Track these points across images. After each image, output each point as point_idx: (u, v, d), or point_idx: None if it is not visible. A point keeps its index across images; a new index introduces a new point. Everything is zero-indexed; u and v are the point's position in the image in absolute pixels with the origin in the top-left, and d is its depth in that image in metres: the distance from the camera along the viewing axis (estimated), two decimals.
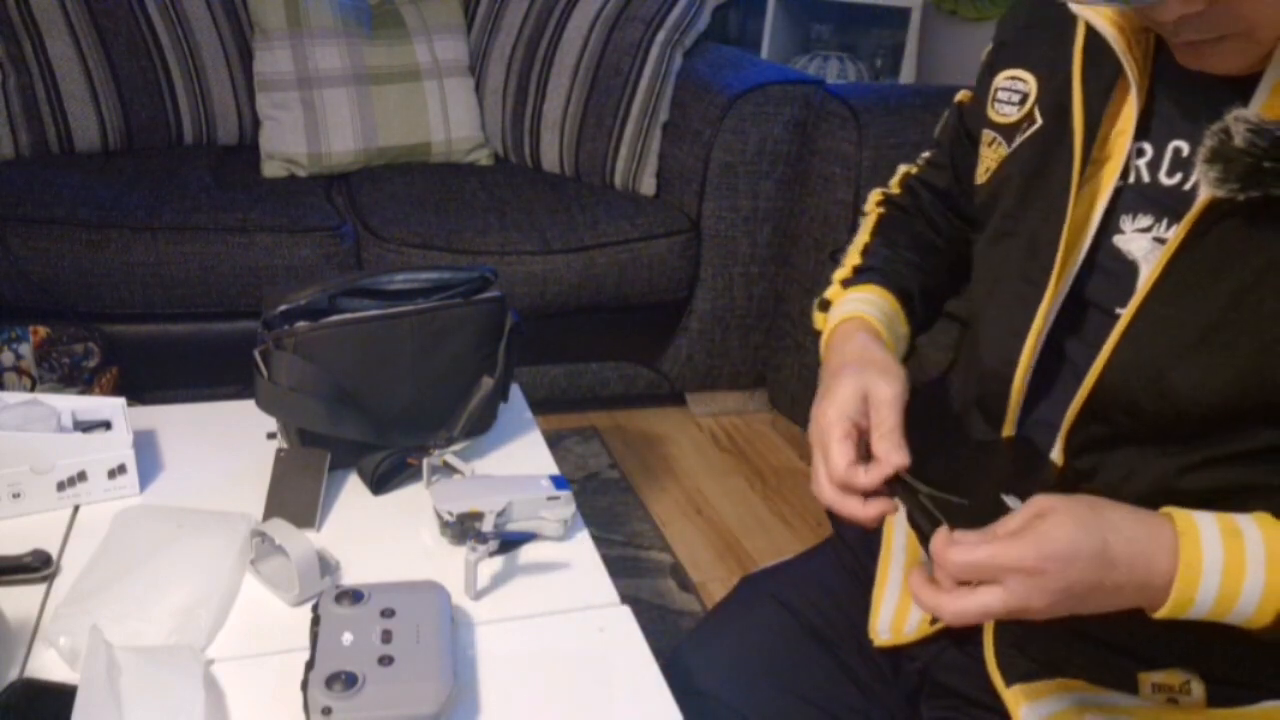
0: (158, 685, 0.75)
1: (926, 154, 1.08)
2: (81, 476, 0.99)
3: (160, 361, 2.20)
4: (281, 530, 0.90)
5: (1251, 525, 0.67)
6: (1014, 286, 0.85)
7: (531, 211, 2.34)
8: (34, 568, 0.89)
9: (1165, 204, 0.76)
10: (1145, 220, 0.78)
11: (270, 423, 1.12)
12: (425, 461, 1.07)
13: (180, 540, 0.92)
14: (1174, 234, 0.73)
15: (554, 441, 2.25)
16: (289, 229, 2.20)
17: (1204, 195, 0.71)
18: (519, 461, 1.15)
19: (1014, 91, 0.90)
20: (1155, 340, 0.75)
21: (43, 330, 2.03)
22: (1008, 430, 0.88)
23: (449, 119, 2.58)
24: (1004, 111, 0.90)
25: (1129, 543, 0.66)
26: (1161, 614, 0.67)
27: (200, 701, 0.74)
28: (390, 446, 1.08)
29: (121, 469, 1.01)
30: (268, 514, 0.99)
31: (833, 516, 1.05)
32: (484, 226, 2.27)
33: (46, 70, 2.34)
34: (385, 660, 0.77)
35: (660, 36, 2.45)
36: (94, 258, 2.09)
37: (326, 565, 0.93)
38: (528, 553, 1.00)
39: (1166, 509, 0.68)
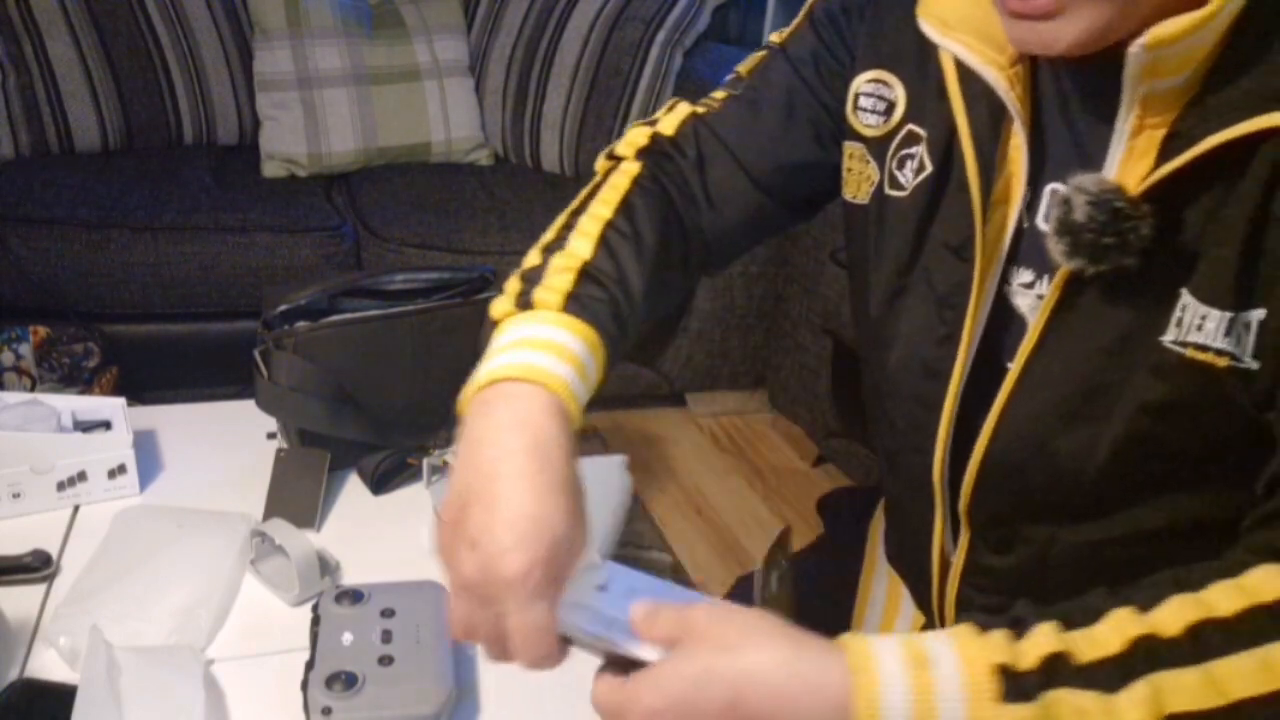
0: (158, 685, 0.75)
1: (721, 93, 0.85)
2: (81, 476, 0.99)
3: (160, 361, 2.20)
4: (281, 530, 0.90)
5: (946, 649, 0.55)
6: (921, 353, 0.76)
7: (531, 211, 2.34)
8: (34, 568, 0.89)
9: (1044, 258, 0.69)
10: (1027, 275, 0.72)
11: (270, 423, 1.12)
12: (425, 461, 1.07)
13: (180, 540, 0.92)
14: (1048, 294, 0.69)
15: None
16: (289, 229, 2.19)
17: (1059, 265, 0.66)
18: None
19: (879, 99, 0.78)
20: (1037, 407, 0.71)
21: (43, 330, 2.03)
22: (939, 517, 0.80)
23: (449, 119, 2.58)
24: (868, 121, 0.79)
25: (772, 697, 0.54)
26: None
27: (200, 701, 0.74)
28: (390, 446, 1.08)
29: (121, 469, 1.01)
30: (268, 514, 0.99)
31: (823, 515, 1.04)
32: (484, 226, 2.27)
33: (46, 70, 2.34)
34: (385, 660, 0.77)
35: (660, 36, 2.45)
36: (94, 258, 2.09)
37: (326, 565, 0.93)
38: None
39: (843, 637, 0.56)
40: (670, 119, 0.86)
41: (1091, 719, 0.52)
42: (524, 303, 0.71)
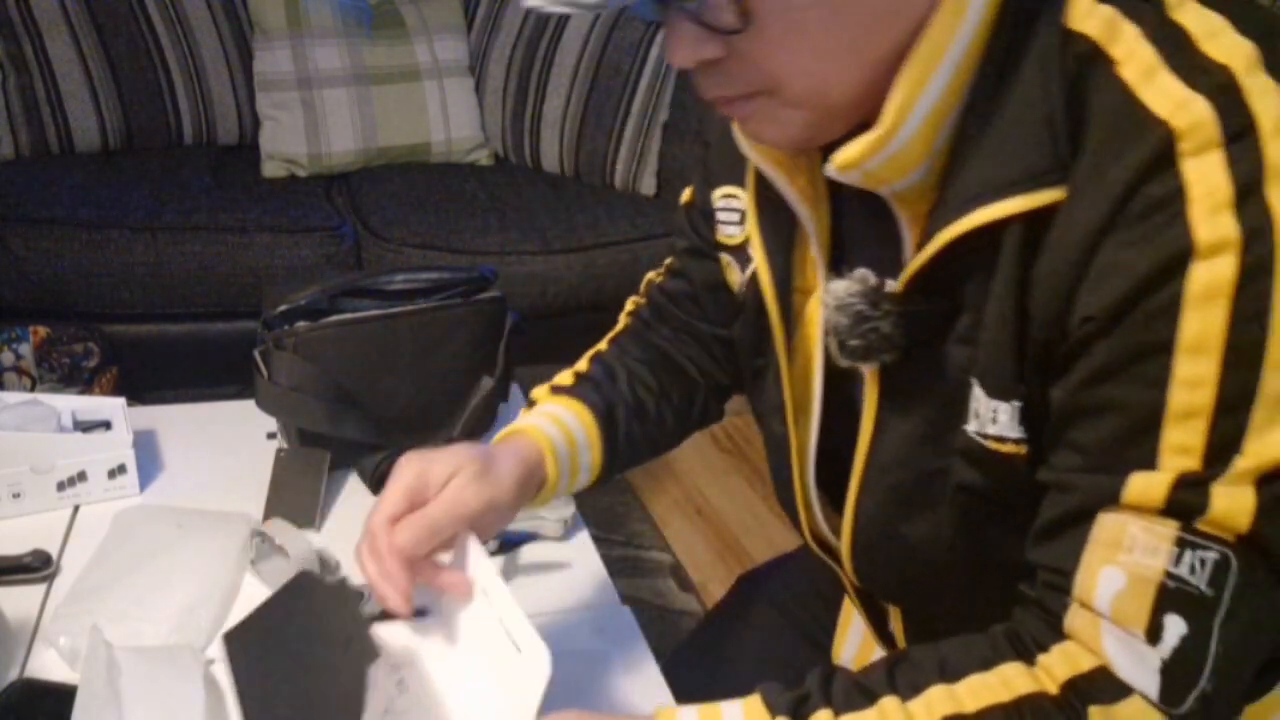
0: (158, 685, 0.75)
1: (669, 259, 0.97)
2: (81, 476, 0.99)
3: (160, 361, 2.20)
4: (281, 530, 0.90)
5: (735, 706, 0.64)
6: (777, 432, 0.81)
7: (531, 211, 2.34)
8: (34, 568, 0.89)
9: None
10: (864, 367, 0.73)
11: (270, 423, 1.12)
12: None
13: (180, 540, 0.92)
14: (866, 387, 0.71)
15: None
16: (289, 229, 2.20)
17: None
18: None
19: (732, 210, 0.82)
20: (881, 495, 0.73)
21: (43, 330, 2.03)
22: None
23: (449, 119, 2.58)
24: (728, 233, 0.83)
25: None
26: None
27: (200, 701, 0.74)
28: (390, 446, 1.09)
29: (121, 469, 1.01)
30: (268, 514, 0.99)
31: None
32: (484, 226, 2.27)
33: (46, 70, 2.34)
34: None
35: (660, 36, 2.45)
36: (94, 258, 2.09)
37: (326, 565, 0.93)
38: (528, 553, 1.00)
39: (657, 711, 0.65)
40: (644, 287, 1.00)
41: None
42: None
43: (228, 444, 1.12)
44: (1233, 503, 0.55)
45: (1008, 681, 0.61)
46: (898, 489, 0.72)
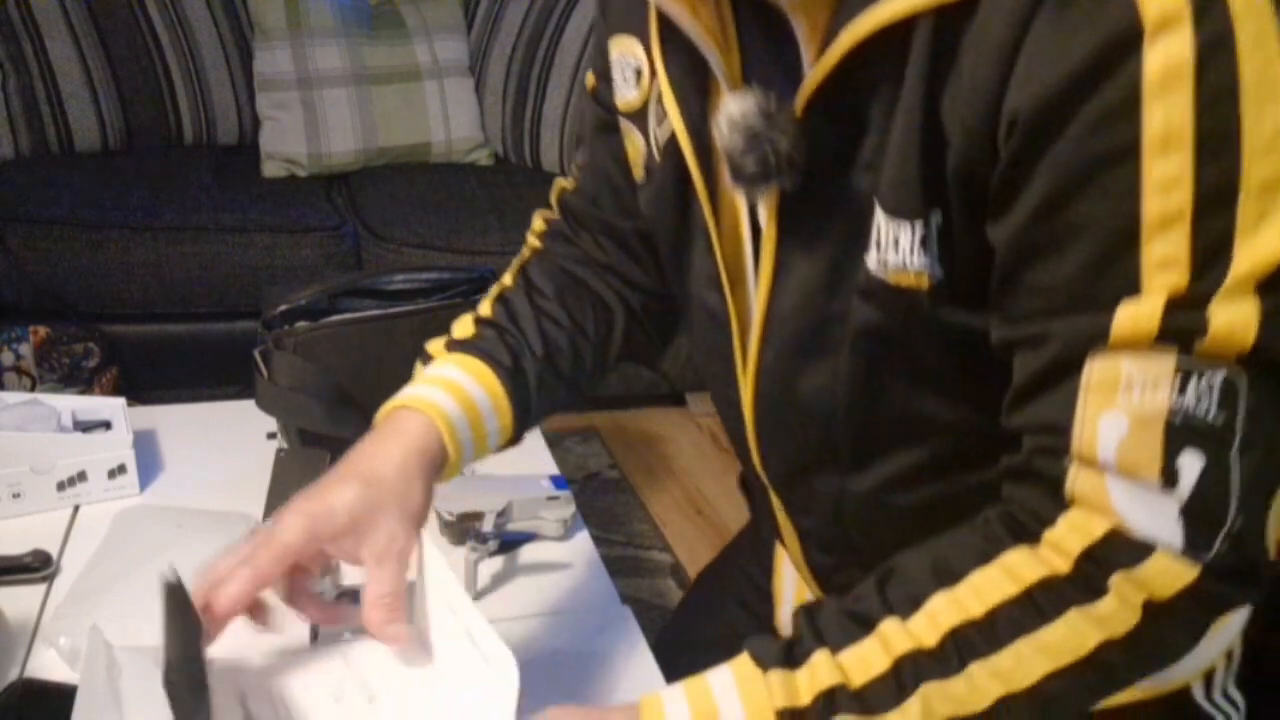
0: (158, 685, 0.74)
1: (579, 159, 0.89)
2: (81, 476, 0.99)
3: (160, 361, 2.20)
4: None
5: (733, 701, 0.58)
6: (707, 303, 0.75)
7: (531, 211, 2.33)
8: (34, 568, 0.89)
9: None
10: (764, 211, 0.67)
11: (270, 423, 1.12)
12: None
13: (180, 540, 0.92)
14: (765, 228, 0.65)
15: (554, 441, 2.25)
16: (289, 229, 2.20)
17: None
18: (519, 462, 1.15)
19: (628, 67, 0.75)
20: (779, 346, 0.69)
21: (43, 330, 2.03)
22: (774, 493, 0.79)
23: (449, 119, 2.58)
24: (625, 95, 0.75)
25: None
26: None
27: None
28: None
29: (121, 469, 1.01)
30: (268, 514, 0.99)
31: (745, 493, 1.01)
32: (484, 226, 2.27)
33: (46, 70, 2.34)
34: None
35: None
36: (94, 258, 2.09)
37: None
38: (528, 553, 1.00)
39: (643, 700, 0.61)
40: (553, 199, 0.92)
41: None
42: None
43: (228, 444, 1.12)
44: (1234, 317, 0.50)
45: (1012, 571, 0.56)
46: (798, 337, 0.67)
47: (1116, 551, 0.53)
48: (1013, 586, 0.55)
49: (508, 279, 0.87)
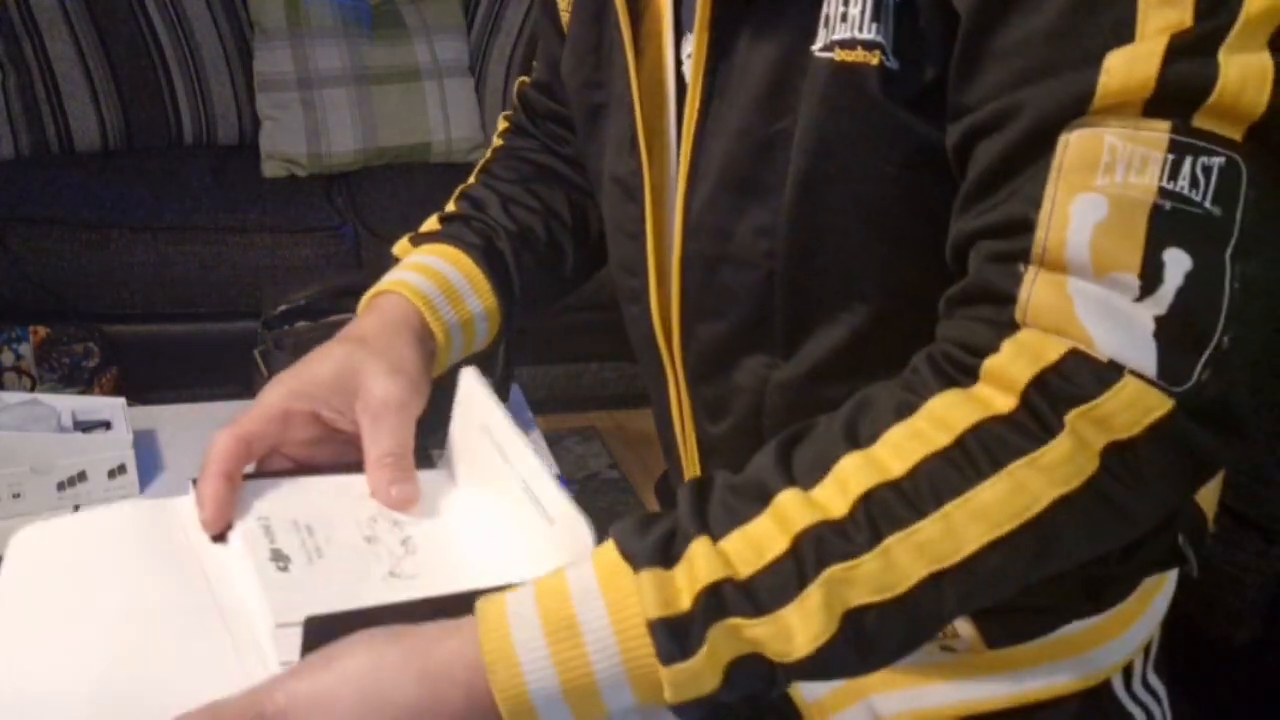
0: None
1: (536, 52, 0.86)
2: (81, 476, 0.99)
3: (160, 361, 2.20)
4: None
5: (596, 608, 0.45)
6: (618, 172, 0.69)
7: None
8: None
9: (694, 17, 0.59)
10: (689, 43, 0.61)
11: None
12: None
13: None
14: (693, 52, 0.59)
15: (554, 441, 2.24)
16: (289, 229, 2.20)
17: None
18: None
19: None
20: (710, 190, 0.61)
21: (43, 330, 2.03)
22: (670, 382, 0.71)
23: (449, 119, 2.58)
24: None
25: (411, 710, 0.45)
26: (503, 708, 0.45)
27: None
28: None
29: (121, 469, 1.01)
30: None
31: (660, 499, 0.93)
32: None
33: (46, 70, 2.34)
34: None
35: None
36: (94, 258, 2.09)
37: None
38: None
39: (479, 607, 0.47)
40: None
41: (764, 644, 0.44)
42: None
43: None
44: (1246, 71, 0.42)
45: (940, 419, 0.46)
46: (733, 173, 0.59)
47: (1074, 378, 0.44)
48: (941, 437, 0.45)
49: (472, 179, 0.83)
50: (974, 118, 0.48)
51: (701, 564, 0.45)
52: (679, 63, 0.64)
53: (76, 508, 1.00)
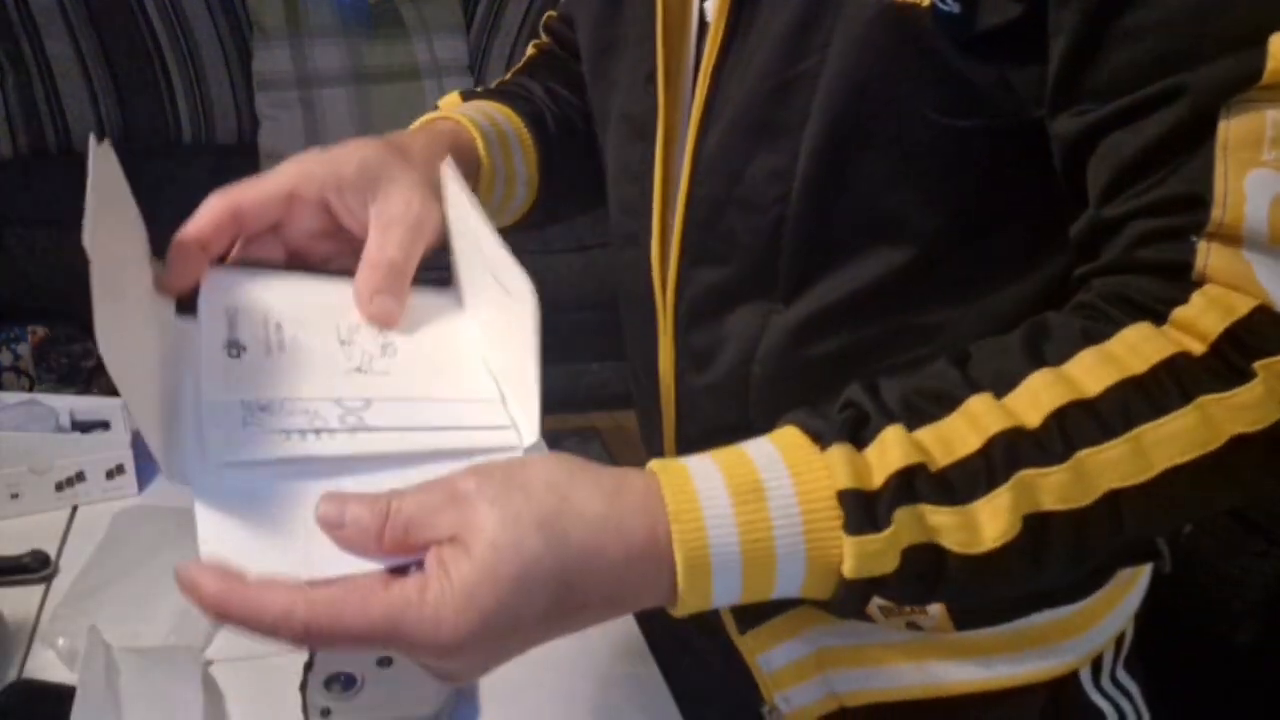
0: (156, 686, 0.74)
1: None
2: (80, 477, 0.99)
3: None
4: None
5: (781, 476, 0.45)
6: (629, 111, 0.68)
7: None
8: (32, 568, 0.89)
9: None
10: None
11: None
12: None
13: (179, 541, 0.92)
14: None
15: (554, 442, 2.24)
16: None
17: None
18: None
19: None
20: (725, 128, 0.60)
21: (41, 330, 2.03)
22: (660, 331, 0.70)
23: None
24: None
25: (599, 574, 0.45)
26: (682, 611, 0.46)
27: (199, 702, 0.74)
28: None
29: (120, 469, 1.01)
30: None
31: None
32: None
33: (45, 70, 2.34)
34: (384, 661, 0.76)
35: None
36: None
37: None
38: None
39: (658, 468, 0.46)
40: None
41: (948, 534, 0.45)
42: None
43: None
44: None
45: (1134, 348, 0.46)
46: (753, 110, 0.58)
47: (1265, 332, 0.45)
48: (1136, 364, 0.46)
49: (508, 76, 0.82)
50: (1110, 108, 0.48)
51: (894, 449, 0.45)
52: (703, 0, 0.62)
53: (75, 508, 1.00)
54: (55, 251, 2.07)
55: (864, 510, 0.44)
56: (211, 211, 0.57)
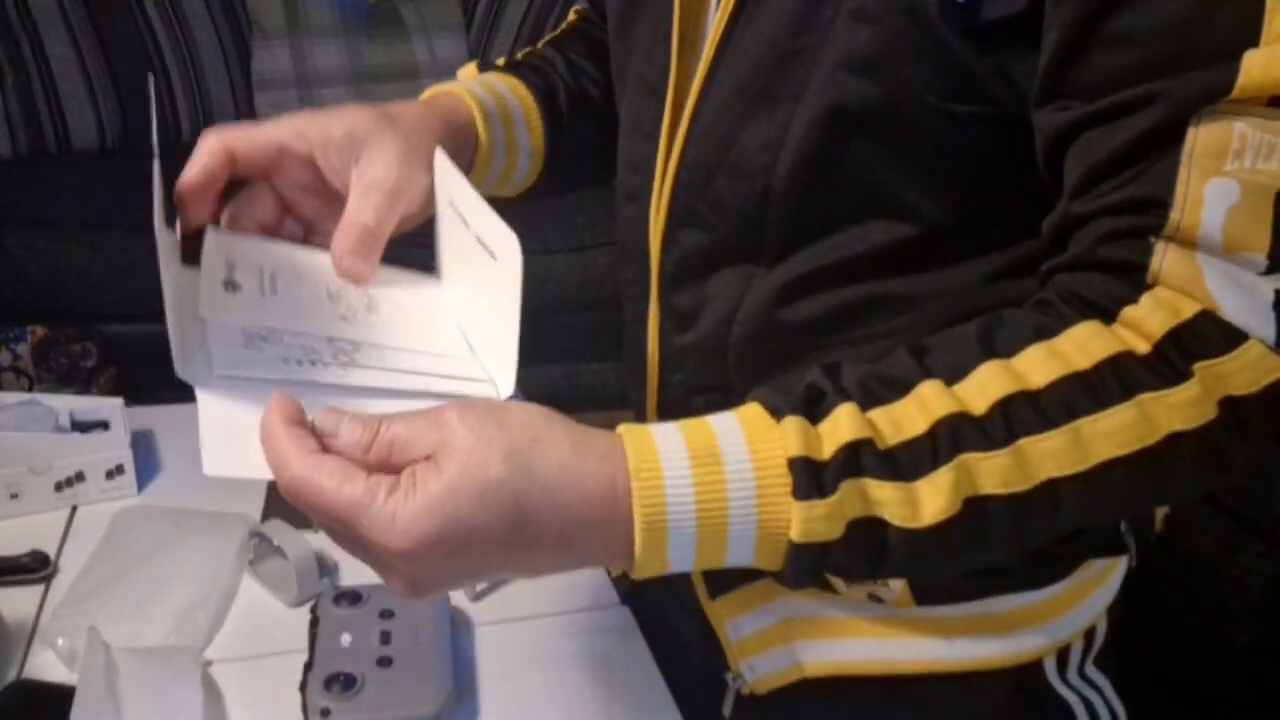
0: (156, 687, 0.74)
1: None
2: (79, 477, 0.99)
3: (158, 362, 2.18)
4: (280, 531, 0.90)
5: (738, 441, 0.48)
6: (646, 75, 0.69)
7: (530, 210, 2.33)
8: (32, 568, 0.89)
9: None
10: None
11: None
12: None
13: (178, 541, 0.92)
14: None
15: None
16: None
17: None
18: None
19: None
20: (725, 94, 0.62)
21: (40, 330, 2.03)
22: (650, 293, 0.71)
23: None
24: None
25: (557, 510, 0.46)
26: (641, 572, 0.48)
27: (198, 703, 0.74)
28: None
29: (119, 469, 1.01)
30: (266, 515, 0.99)
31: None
32: None
33: (44, 70, 2.34)
34: (384, 662, 0.76)
35: None
36: (92, 258, 2.09)
37: (325, 566, 0.93)
38: None
39: (624, 429, 0.49)
40: None
41: (889, 508, 0.47)
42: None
43: None
44: None
45: (1081, 345, 0.49)
46: (751, 80, 0.60)
47: (1204, 338, 0.48)
48: (1081, 360, 0.48)
49: (539, 45, 0.85)
50: (1090, 108, 0.50)
51: (846, 425, 0.48)
52: None
53: (74, 508, 1.00)
54: (55, 251, 2.07)
55: (811, 477, 0.46)
56: (208, 146, 0.60)
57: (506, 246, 0.53)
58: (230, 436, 0.49)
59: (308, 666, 0.77)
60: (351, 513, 0.44)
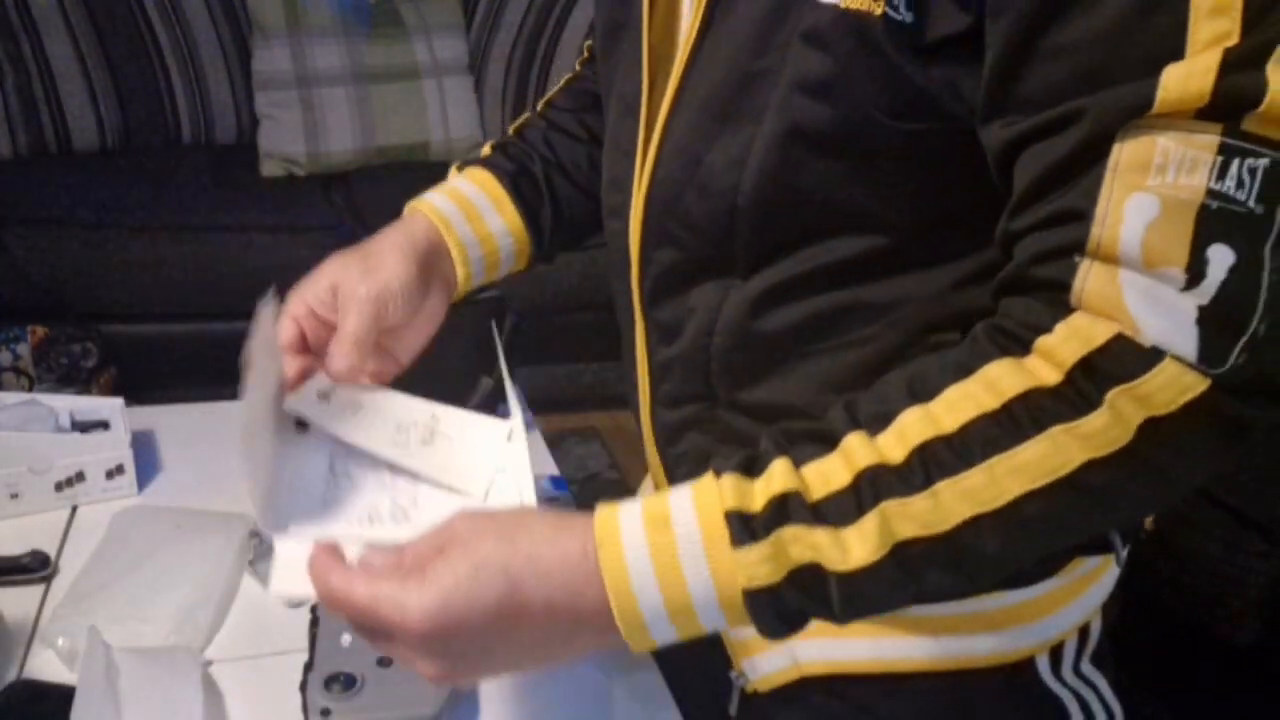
0: (156, 686, 0.74)
1: None
2: (79, 477, 0.99)
3: (158, 361, 2.20)
4: None
5: (685, 503, 0.53)
6: (625, 91, 0.71)
7: None
8: (32, 568, 0.89)
9: None
10: None
11: None
12: None
13: (178, 541, 0.92)
14: None
15: (554, 442, 2.24)
16: (288, 229, 2.19)
17: None
18: None
19: None
20: (693, 114, 0.63)
21: (41, 330, 2.03)
22: (638, 299, 0.74)
23: (448, 118, 2.58)
24: None
25: (542, 578, 0.52)
26: (632, 641, 0.53)
27: (198, 703, 0.74)
28: None
29: (119, 469, 1.01)
30: None
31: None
32: None
33: (44, 69, 2.34)
34: (384, 661, 0.76)
35: None
36: (92, 258, 2.09)
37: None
38: None
39: (598, 508, 0.55)
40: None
41: (823, 552, 0.51)
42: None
43: (226, 444, 1.11)
44: None
45: (992, 384, 0.51)
46: (715, 100, 0.62)
47: (1119, 361, 0.48)
48: (990, 400, 0.50)
49: (538, 107, 0.91)
50: (1029, 122, 0.51)
51: (777, 477, 0.52)
52: None
53: (74, 508, 1.00)
54: (55, 251, 2.07)
55: (744, 526, 0.51)
56: (296, 315, 0.74)
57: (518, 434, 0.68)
58: (293, 569, 0.59)
59: (308, 666, 0.77)
60: (373, 605, 0.51)
